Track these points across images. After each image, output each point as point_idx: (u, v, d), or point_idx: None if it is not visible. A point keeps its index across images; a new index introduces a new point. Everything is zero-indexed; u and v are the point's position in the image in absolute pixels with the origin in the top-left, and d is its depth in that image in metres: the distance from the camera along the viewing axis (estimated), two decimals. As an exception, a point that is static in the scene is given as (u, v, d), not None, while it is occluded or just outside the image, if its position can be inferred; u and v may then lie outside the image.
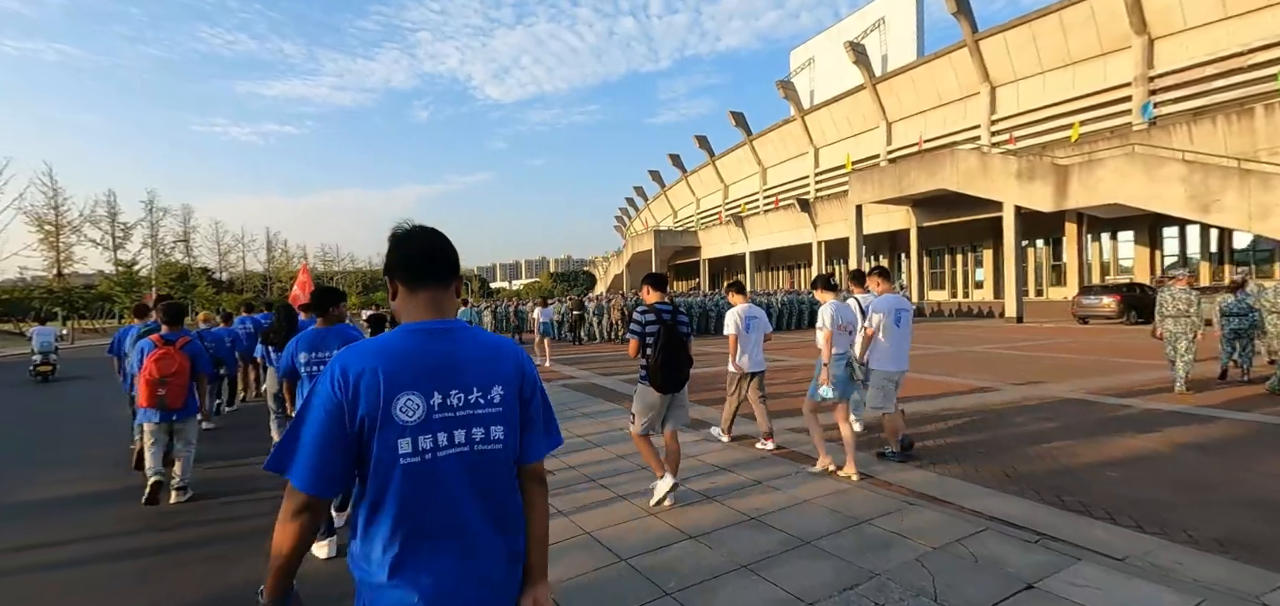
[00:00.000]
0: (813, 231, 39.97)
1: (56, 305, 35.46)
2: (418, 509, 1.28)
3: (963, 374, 10.56)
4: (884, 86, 39.34)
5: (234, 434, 7.95)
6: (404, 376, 1.28)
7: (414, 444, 1.27)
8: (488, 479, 1.35)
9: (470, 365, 1.36)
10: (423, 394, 1.29)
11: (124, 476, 5.86)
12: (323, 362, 3.99)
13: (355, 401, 1.25)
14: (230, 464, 6.42)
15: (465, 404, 1.33)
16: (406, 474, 1.27)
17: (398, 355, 1.30)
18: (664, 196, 70.53)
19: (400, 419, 1.26)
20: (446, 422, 1.31)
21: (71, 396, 12.64)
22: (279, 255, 67.18)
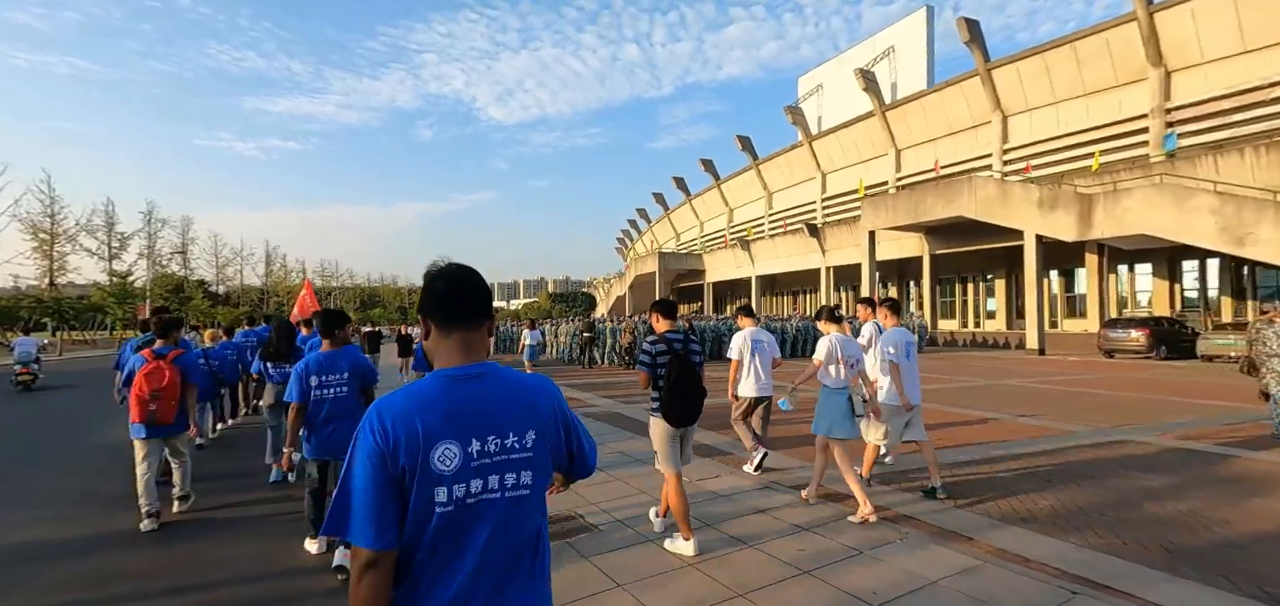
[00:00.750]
0: (821, 256, 39.46)
1: (46, 315, 34.56)
2: (448, 555, 1.29)
3: (1013, 412, 9.83)
4: (894, 114, 39.14)
5: (231, 453, 7.82)
6: (441, 425, 1.29)
7: (449, 493, 1.28)
8: (517, 522, 1.36)
9: (505, 410, 1.37)
10: (460, 442, 1.30)
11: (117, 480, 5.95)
12: (333, 385, 4.11)
13: (396, 452, 1.26)
14: (224, 483, 6.26)
15: (501, 449, 1.34)
16: (440, 522, 1.27)
17: (434, 404, 1.31)
18: (667, 219, 70.20)
19: (438, 468, 1.28)
20: (482, 469, 1.32)
21: (55, 405, 11.88)
22: (278, 269, 66.54)
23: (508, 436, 1.36)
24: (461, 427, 1.31)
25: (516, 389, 1.41)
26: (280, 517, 5.18)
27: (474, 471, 1.31)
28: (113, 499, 5.67)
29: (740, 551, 4.09)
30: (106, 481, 6.33)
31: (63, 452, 7.95)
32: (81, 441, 8.70)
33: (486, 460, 1.33)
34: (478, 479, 1.31)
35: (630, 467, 6.31)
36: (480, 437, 1.32)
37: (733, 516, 4.77)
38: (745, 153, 52.14)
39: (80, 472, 6.75)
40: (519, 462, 1.36)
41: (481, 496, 1.32)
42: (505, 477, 1.34)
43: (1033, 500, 5.12)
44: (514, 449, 1.36)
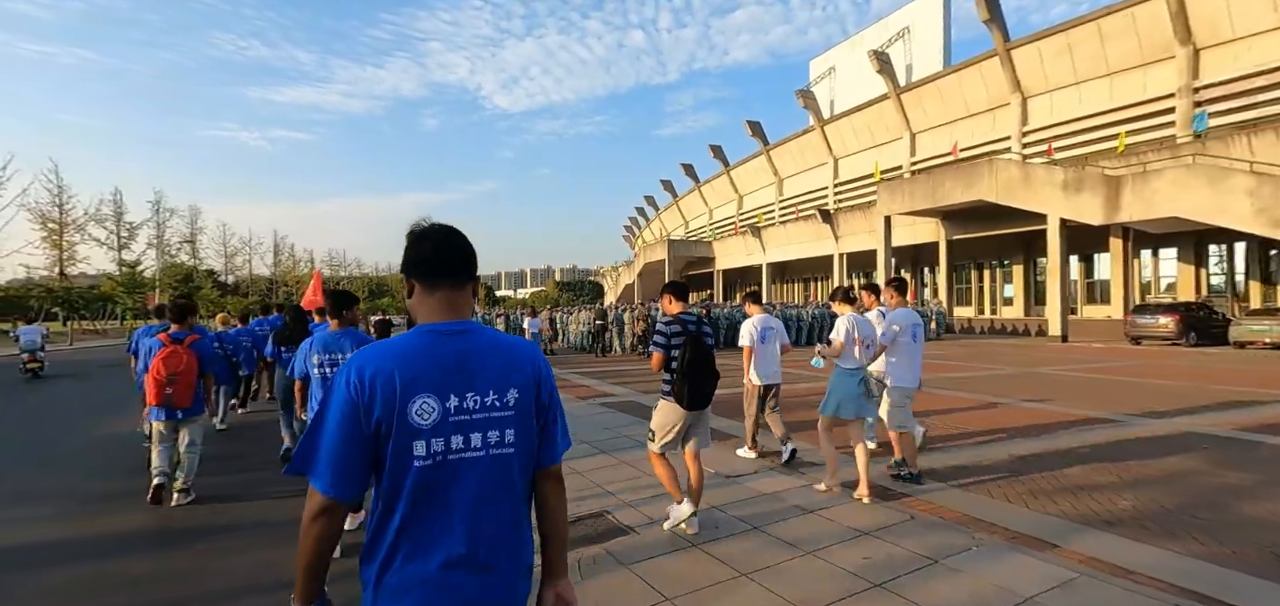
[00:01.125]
0: (834, 243, 38.84)
1: (56, 305, 34.55)
2: (429, 511, 1.27)
3: (1056, 401, 9.36)
4: (909, 97, 38.30)
5: (244, 437, 7.96)
6: (420, 379, 1.27)
7: (428, 446, 1.26)
8: (499, 482, 1.33)
9: (486, 367, 1.34)
10: (438, 396, 1.28)
11: (120, 478, 5.91)
12: (336, 364, 4.05)
13: (371, 403, 1.24)
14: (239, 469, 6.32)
15: (481, 407, 1.32)
16: (419, 476, 1.26)
17: (413, 356, 1.29)
18: (676, 206, 69.55)
19: (416, 421, 1.25)
20: (461, 425, 1.30)
21: (60, 395, 11.68)
22: (286, 259, 66.52)
23: (488, 394, 1.33)
24: (441, 382, 1.29)
25: (499, 347, 1.39)
26: (291, 498, 5.20)
27: (453, 426, 1.28)
28: (115, 495, 5.47)
29: (796, 559, 3.70)
30: (108, 479, 6.00)
31: (64, 446, 7.64)
32: (86, 435, 8.40)
33: (465, 416, 1.30)
34: (458, 435, 1.29)
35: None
36: (459, 393, 1.30)
37: (779, 517, 4.39)
38: (755, 138, 51.37)
39: (82, 468, 6.51)
40: (500, 420, 1.34)
41: (463, 454, 1.29)
42: (488, 435, 1.32)
43: (1110, 500, 4.68)
44: (494, 407, 1.33)
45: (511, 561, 1.35)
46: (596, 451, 6.42)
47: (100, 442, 7.78)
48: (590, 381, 12.73)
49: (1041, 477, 5.27)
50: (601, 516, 4.43)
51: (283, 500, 5.20)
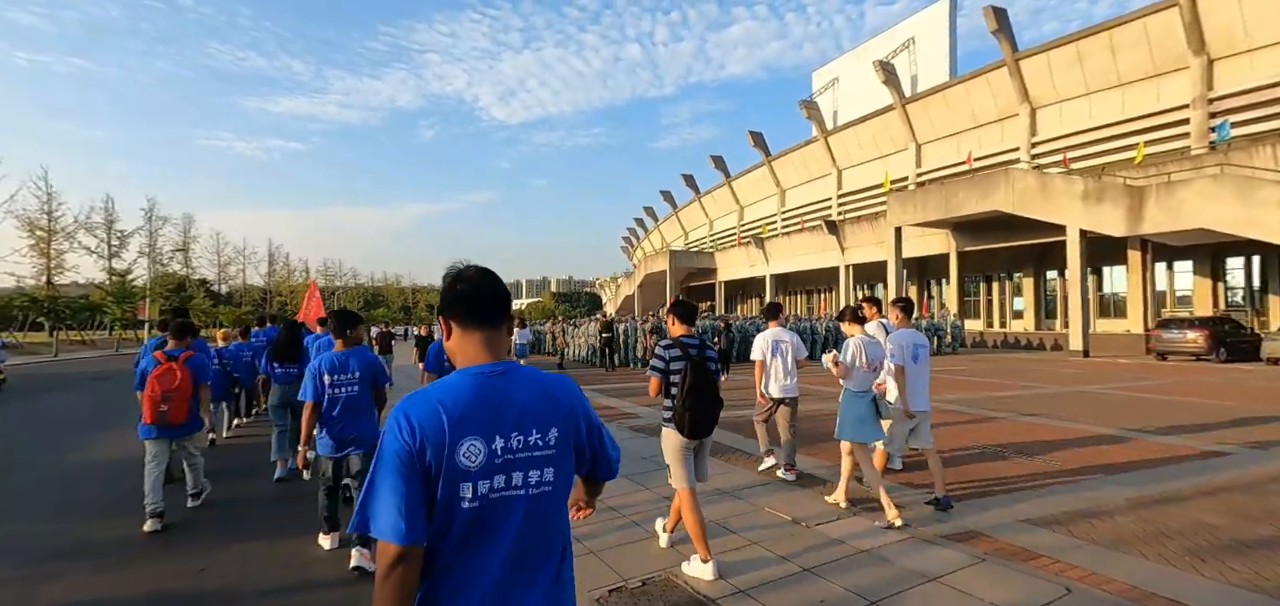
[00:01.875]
0: (840, 254, 38.30)
1: (42, 315, 33.50)
2: (473, 549, 1.29)
3: (1115, 425, 8.67)
4: (915, 107, 37.96)
5: (243, 452, 7.91)
6: (466, 421, 1.29)
7: (474, 489, 1.28)
8: (540, 518, 1.36)
9: (528, 407, 1.36)
10: (485, 438, 1.30)
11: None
12: (344, 384, 4.16)
13: (422, 448, 1.26)
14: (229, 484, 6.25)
15: (524, 447, 1.34)
16: (465, 517, 1.27)
17: (459, 400, 1.31)
18: (676, 217, 69.07)
19: (463, 464, 1.27)
20: (506, 466, 1.31)
21: (39, 412, 10.82)
22: (280, 269, 65.55)
23: (531, 433, 1.36)
24: (486, 424, 1.31)
25: (539, 386, 1.41)
26: (290, 514, 5.21)
27: (498, 467, 1.31)
28: (114, 508, 5.45)
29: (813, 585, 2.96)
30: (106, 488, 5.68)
31: (42, 465, 6.88)
32: (63, 456, 7.60)
33: (510, 456, 1.33)
34: (501, 475, 1.31)
35: (717, 500, 5.19)
36: (504, 434, 1.32)
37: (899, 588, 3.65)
38: (757, 149, 51.00)
39: (64, 485, 6.36)
40: (542, 460, 1.36)
41: (505, 492, 1.32)
42: (528, 474, 1.34)
43: (1244, 551, 3.97)
44: (537, 446, 1.36)
45: (548, 585, 1.37)
46: (638, 487, 5.67)
47: (86, 463, 7.33)
48: (610, 400, 11.96)
49: (1168, 518, 4.55)
50: (672, 585, 3.65)
51: (284, 498, 5.60)
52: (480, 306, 1.40)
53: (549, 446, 1.37)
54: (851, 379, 4.77)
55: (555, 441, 1.38)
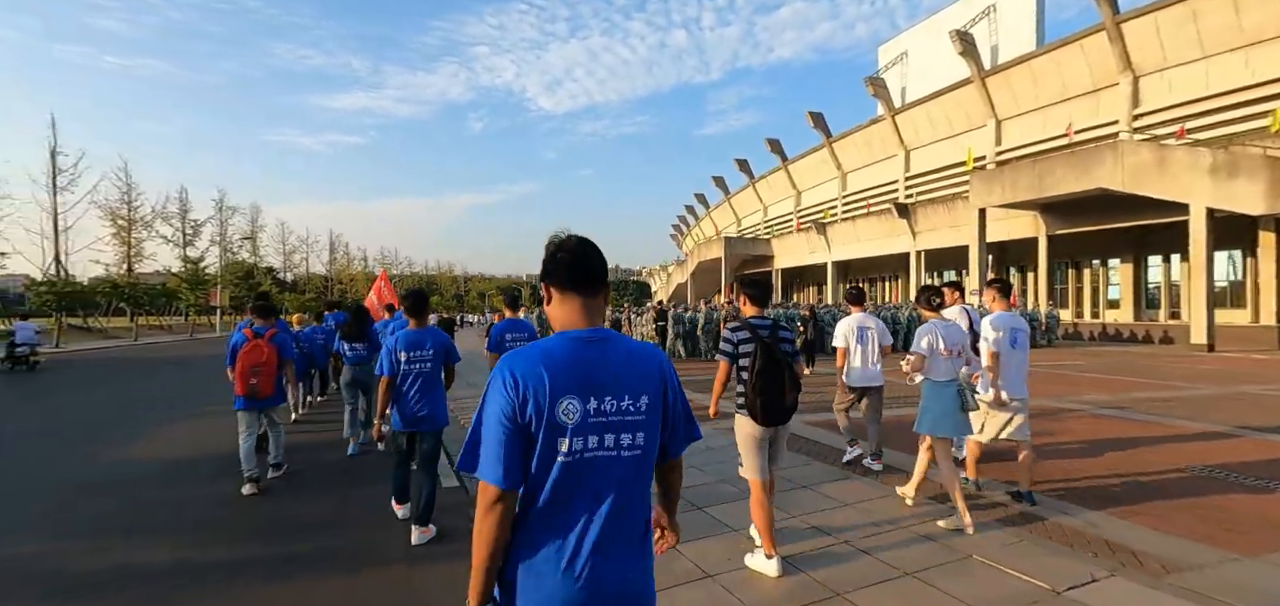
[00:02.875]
0: (910, 239, 36.04)
1: (123, 300, 35.06)
2: (568, 502, 1.37)
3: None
4: (996, 80, 35.18)
5: (320, 427, 8.35)
6: (565, 381, 1.37)
7: (570, 444, 1.36)
8: (628, 479, 1.43)
9: (622, 374, 1.43)
10: (581, 398, 1.38)
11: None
12: (418, 361, 4.34)
13: (525, 402, 1.35)
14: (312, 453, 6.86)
15: (616, 410, 1.41)
16: (562, 470, 1.36)
17: (559, 361, 1.39)
18: (728, 204, 67.29)
19: (561, 419, 1.36)
20: (598, 426, 1.39)
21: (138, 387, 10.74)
22: (341, 257, 67.43)
23: (624, 398, 1.42)
24: (583, 385, 1.38)
25: (632, 355, 1.47)
26: (363, 485, 5.61)
27: (591, 427, 1.37)
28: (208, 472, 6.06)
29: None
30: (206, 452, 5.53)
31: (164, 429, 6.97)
32: (156, 429, 7.20)
33: (603, 419, 1.39)
34: (594, 435, 1.38)
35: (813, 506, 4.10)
36: (599, 396, 1.39)
37: (898, 543, 3.91)
38: (817, 129, 48.74)
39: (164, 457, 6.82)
40: (633, 424, 1.42)
41: (598, 452, 1.38)
42: (620, 437, 1.41)
43: None
44: (628, 411, 1.42)
45: (638, 547, 1.45)
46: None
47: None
48: (698, 395, 10.93)
49: None
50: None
51: (358, 471, 6.11)
52: (579, 275, 1.48)
53: (639, 412, 1.44)
54: (933, 368, 4.42)
55: (645, 408, 1.45)
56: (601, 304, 1.51)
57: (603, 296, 1.51)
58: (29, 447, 7.50)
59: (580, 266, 1.48)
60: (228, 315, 39.36)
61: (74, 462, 6.61)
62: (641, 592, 1.45)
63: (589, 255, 1.49)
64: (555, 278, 1.49)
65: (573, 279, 1.48)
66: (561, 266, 1.48)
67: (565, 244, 1.51)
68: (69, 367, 18.39)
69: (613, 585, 1.39)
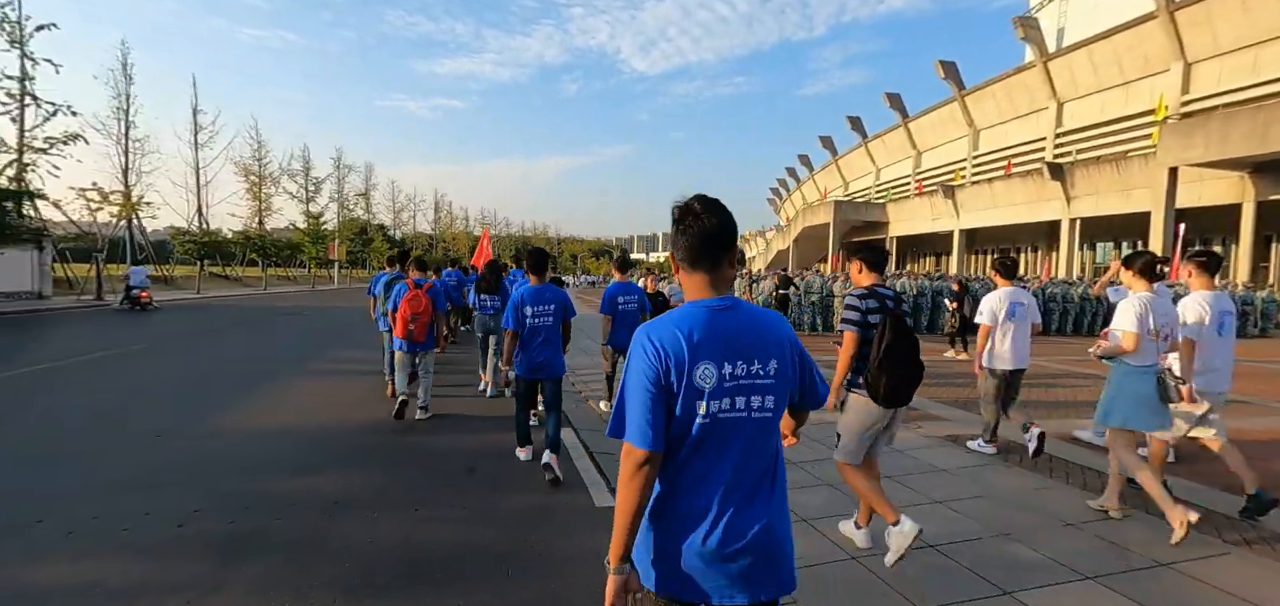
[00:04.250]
0: (1064, 205, 31.22)
1: (254, 252, 37.65)
2: (705, 459, 1.46)
3: None
4: (1186, 14, 29.15)
5: (448, 371, 8.75)
6: (702, 347, 1.43)
7: (707, 407, 1.43)
8: (760, 441, 1.50)
9: (752, 340, 1.49)
10: (716, 364, 1.44)
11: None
12: (541, 315, 4.67)
13: (667, 368, 1.42)
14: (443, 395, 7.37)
15: (748, 374, 1.47)
16: (699, 431, 1.43)
17: (696, 327, 1.45)
18: (835, 166, 62.68)
19: (699, 384, 1.42)
20: (732, 390, 1.45)
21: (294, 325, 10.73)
22: (444, 216, 69.90)
23: (753, 363, 1.48)
24: (717, 351, 1.44)
25: (761, 322, 1.54)
26: (493, 423, 6.22)
27: (726, 391, 1.44)
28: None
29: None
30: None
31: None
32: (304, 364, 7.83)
33: (736, 383, 1.45)
34: (727, 398, 1.44)
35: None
36: (732, 361, 1.45)
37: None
38: (948, 81, 43.43)
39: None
40: (763, 387, 1.49)
41: (732, 414, 1.45)
42: (751, 400, 1.47)
43: None
44: (758, 375, 1.48)
45: (772, 501, 1.52)
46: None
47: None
48: None
49: None
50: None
51: (487, 412, 6.87)
52: (701, 251, 1.49)
53: (769, 376, 1.49)
54: (1138, 350, 3.83)
55: (774, 372, 1.50)
56: (727, 270, 1.52)
57: (727, 263, 1.52)
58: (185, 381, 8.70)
59: (706, 243, 1.48)
60: (345, 269, 41.48)
61: (221, 402, 7.24)
62: (778, 537, 1.52)
63: (711, 230, 1.48)
64: (681, 253, 1.51)
65: (692, 258, 1.50)
66: (686, 242, 1.49)
67: (687, 214, 1.50)
68: (186, 312, 19.29)
69: (748, 533, 1.46)
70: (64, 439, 5.58)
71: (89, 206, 24.91)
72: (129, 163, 29.46)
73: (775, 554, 1.50)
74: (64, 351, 10.87)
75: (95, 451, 5.18)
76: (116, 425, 6.08)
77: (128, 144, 29.44)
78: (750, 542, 1.45)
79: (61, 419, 6.30)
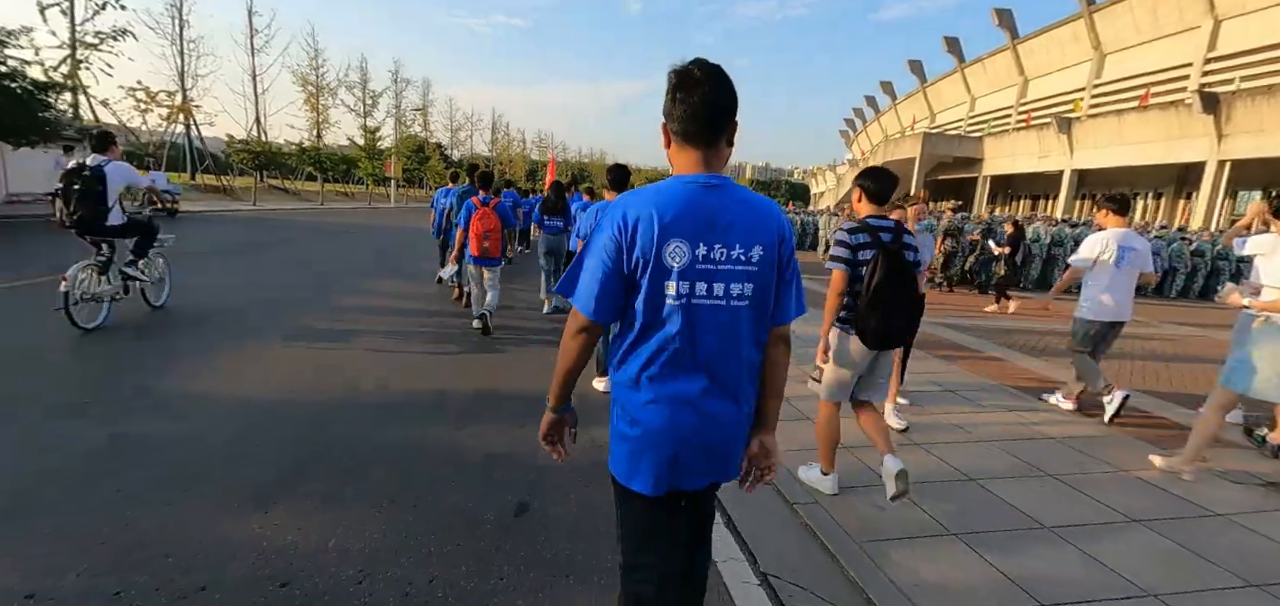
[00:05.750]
0: (1212, 143, 26.38)
1: (310, 165, 37.12)
2: (673, 343, 1.43)
3: None
4: None
5: (512, 287, 9.24)
6: (675, 225, 1.38)
7: (677, 287, 1.40)
8: (735, 330, 1.46)
9: (735, 223, 1.42)
10: (690, 243, 1.39)
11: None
12: None
13: (633, 243, 1.39)
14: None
15: (727, 259, 1.41)
16: (669, 312, 1.41)
17: (671, 204, 1.40)
18: (923, 94, 56.78)
19: (668, 262, 1.39)
20: (706, 273, 1.40)
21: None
22: (501, 137, 68.33)
23: (734, 247, 1.42)
24: (693, 231, 1.39)
25: (749, 206, 1.45)
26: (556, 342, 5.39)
27: (700, 273, 1.39)
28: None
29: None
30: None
31: None
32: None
33: (711, 266, 1.40)
34: (702, 281, 1.40)
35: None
36: (707, 244, 1.40)
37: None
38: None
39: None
40: (743, 275, 1.43)
41: (706, 300, 1.41)
42: (730, 286, 1.42)
43: None
44: (738, 261, 1.42)
45: (741, 397, 1.51)
46: None
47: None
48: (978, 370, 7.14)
49: None
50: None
51: (550, 327, 7.24)
52: (701, 124, 1.41)
53: (751, 262, 1.43)
54: None
55: (758, 260, 1.43)
56: (721, 152, 1.46)
57: (727, 140, 1.46)
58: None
59: (701, 119, 1.41)
60: (402, 187, 40.81)
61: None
62: (732, 438, 1.53)
63: (712, 103, 1.40)
64: (675, 123, 1.44)
65: (688, 131, 1.43)
66: (679, 117, 1.43)
67: (684, 81, 1.41)
68: (212, 223, 18.38)
69: (709, 431, 1.47)
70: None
71: (138, 107, 24.36)
72: (185, 65, 28.73)
73: (733, 451, 1.56)
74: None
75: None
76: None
77: (183, 45, 28.63)
78: (718, 441, 1.51)
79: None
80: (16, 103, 13.47)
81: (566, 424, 1.64)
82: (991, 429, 4.57)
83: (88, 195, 5.52)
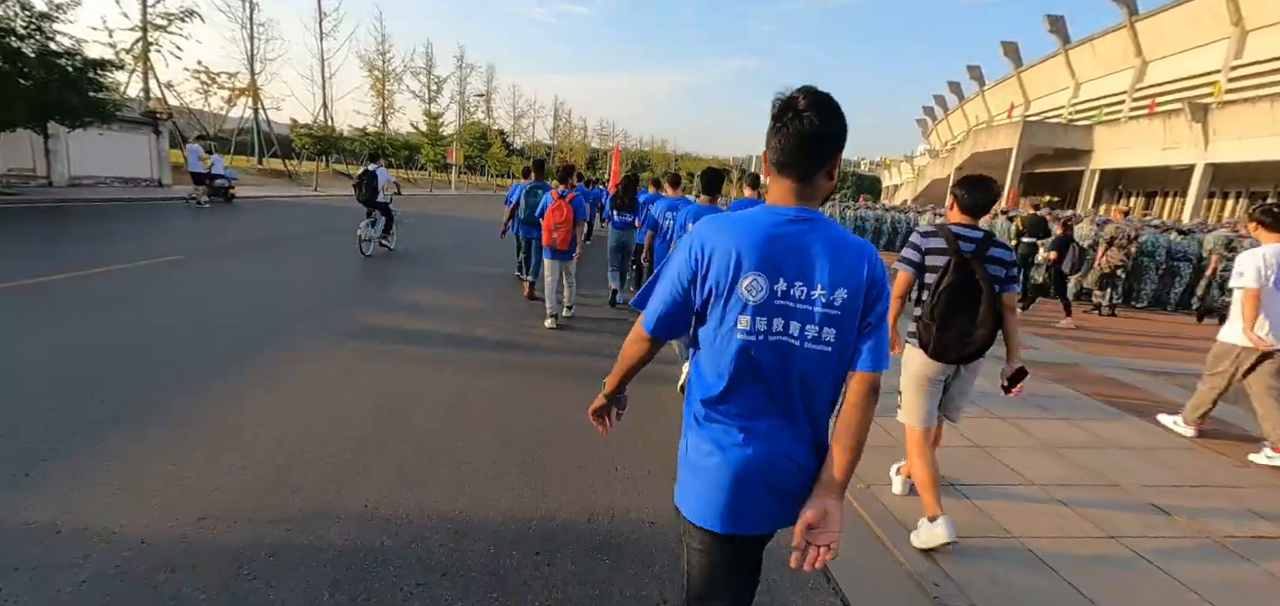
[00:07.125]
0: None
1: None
2: (743, 378, 1.37)
3: None
4: None
5: (584, 278, 9.46)
6: (754, 258, 1.33)
7: (752, 322, 1.34)
8: (812, 374, 1.37)
9: (820, 262, 1.35)
10: (768, 278, 1.33)
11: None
12: None
13: (706, 274, 1.37)
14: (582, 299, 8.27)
15: (806, 298, 1.35)
16: (741, 347, 1.35)
17: (752, 236, 1.35)
18: (1017, 79, 51.88)
19: (743, 296, 1.34)
20: (784, 310, 1.34)
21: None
22: (563, 125, 67.71)
23: (815, 287, 1.35)
24: (772, 265, 1.33)
25: (839, 246, 1.38)
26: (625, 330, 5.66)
27: (777, 310, 1.34)
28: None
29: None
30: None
31: None
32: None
33: (789, 303, 1.34)
34: (779, 318, 1.34)
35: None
36: (788, 280, 1.34)
37: None
38: (1209, -38, 32.59)
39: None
40: (823, 317, 1.35)
41: (781, 337, 1.34)
42: (806, 327, 1.35)
43: None
44: (818, 301, 1.35)
45: (807, 439, 1.42)
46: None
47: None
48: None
49: None
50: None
51: (619, 314, 7.72)
52: (794, 154, 1.36)
53: (833, 306, 1.35)
54: None
55: (840, 304, 1.36)
56: (817, 185, 1.38)
57: (827, 175, 1.38)
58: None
59: (797, 150, 1.34)
60: (464, 174, 40.57)
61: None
62: (807, 486, 1.43)
63: (810, 138, 1.33)
64: (771, 152, 1.39)
65: (783, 161, 1.37)
66: (775, 146, 1.37)
67: (785, 114, 1.34)
68: (268, 208, 17.74)
69: (780, 473, 1.40)
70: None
71: (201, 88, 24.44)
72: (253, 49, 28.91)
73: (800, 495, 1.44)
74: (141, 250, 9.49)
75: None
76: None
77: (252, 28, 28.80)
78: (791, 487, 1.43)
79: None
80: (67, 81, 13.02)
81: (618, 407, 1.69)
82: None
83: (368, 185, 10.09)
